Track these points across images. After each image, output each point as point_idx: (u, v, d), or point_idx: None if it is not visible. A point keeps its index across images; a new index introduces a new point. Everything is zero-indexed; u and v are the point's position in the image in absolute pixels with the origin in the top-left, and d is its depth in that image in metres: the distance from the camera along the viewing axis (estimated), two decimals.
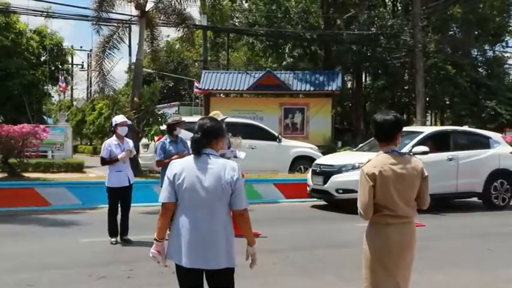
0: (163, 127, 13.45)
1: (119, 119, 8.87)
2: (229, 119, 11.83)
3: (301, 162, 17.50)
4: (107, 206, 8.82)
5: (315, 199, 13.51)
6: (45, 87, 34.88)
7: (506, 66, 38.14)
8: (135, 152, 8.86)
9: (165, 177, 3.93)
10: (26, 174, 15.73)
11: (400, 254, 4.09)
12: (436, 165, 11.86)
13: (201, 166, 3.81)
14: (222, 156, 5.98)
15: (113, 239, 8.62)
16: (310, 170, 13.74)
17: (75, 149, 33.69)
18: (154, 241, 3.93)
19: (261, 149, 16.80)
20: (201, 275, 3.89)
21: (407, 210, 4.08)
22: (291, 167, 17.31)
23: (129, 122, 9.45)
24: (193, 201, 3.79)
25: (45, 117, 38.28)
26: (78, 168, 20.98)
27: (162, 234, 3.93)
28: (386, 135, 4.16)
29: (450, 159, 12.75)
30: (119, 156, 8.46)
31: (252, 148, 15.92)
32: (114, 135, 8.70)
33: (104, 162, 8.67)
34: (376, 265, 4.10)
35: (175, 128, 8.91)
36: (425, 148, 11.92)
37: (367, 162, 4.16)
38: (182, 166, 3.87)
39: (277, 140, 17.68)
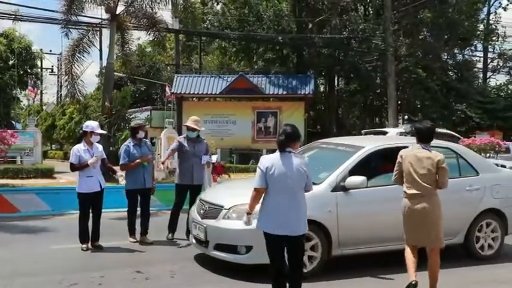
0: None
1: (95, 126, 8.70)
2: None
3: None
4: (77, 212, 8.65)
5: None
6: (14, 92, 34.28)
7: (475, 70, 38.78)
8: (104, 156, 8.75)
9: (257, 169, 5.42)
10: None
11: (417, 219, 5.99)
12: None
13: (286, 162, 5.36)
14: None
15: (84, 245, 8.48)
16: None
17: (45, 155, 33.12)
18: (246, 214, 5.60)
19: None
20: (283, 240, 5.33)
21: (423, 187, 5.98)
22: None
23: (104, 132, 9.25)
24: (282, 187, 5.32)
25: (13, 122, 37.60)
26: (48, 174, 20.61)
27: (253, 209, 5.56)
28: (426, 138, 6.19)
29: None
30: (88, 162, 8.33)
31: None
32: (83, 141, 8.55)
33: (74, 168, 8.50)
34: (405, 223, 6.18)
35: (139, 131, 8.93)
36: None
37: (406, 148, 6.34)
38: (272, 161, 5.39)
39: None
